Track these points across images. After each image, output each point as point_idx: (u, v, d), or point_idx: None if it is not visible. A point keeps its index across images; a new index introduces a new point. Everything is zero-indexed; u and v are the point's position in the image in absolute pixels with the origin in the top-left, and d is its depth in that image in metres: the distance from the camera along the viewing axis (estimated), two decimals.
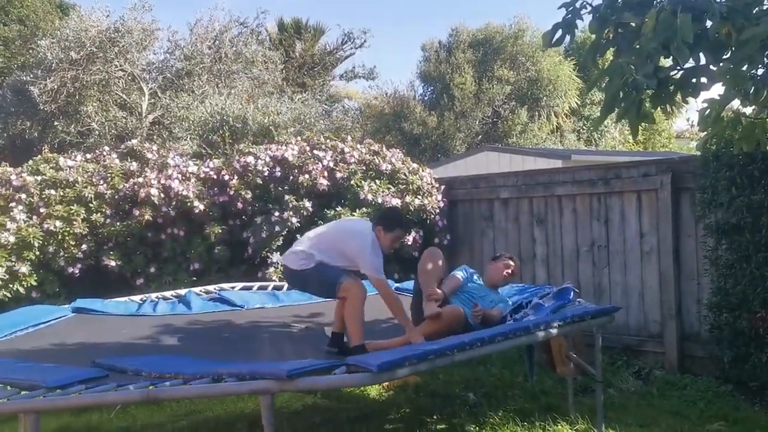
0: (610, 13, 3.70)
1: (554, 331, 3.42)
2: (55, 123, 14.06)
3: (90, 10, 14.79)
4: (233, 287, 6.56)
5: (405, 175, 7.47)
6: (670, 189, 5.87)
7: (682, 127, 29.46)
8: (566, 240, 6.71)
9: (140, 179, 7.39)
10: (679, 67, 3.66)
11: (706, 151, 5.41)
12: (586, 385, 5.48)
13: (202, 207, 7.25)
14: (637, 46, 3.64)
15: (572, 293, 4.66)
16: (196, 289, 6.37)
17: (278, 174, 7.36)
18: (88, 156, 8.28)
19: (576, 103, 19.71)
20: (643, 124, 3.81)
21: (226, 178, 7.45)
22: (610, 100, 3.69)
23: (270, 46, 17.92)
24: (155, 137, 12.84)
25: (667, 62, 3.75)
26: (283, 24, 21.47)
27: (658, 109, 3.80)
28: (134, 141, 8.58)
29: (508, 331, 3.21)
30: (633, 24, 3.65)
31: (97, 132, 13.62)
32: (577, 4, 3.76)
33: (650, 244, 6.09)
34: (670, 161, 6.18)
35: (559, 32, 3.90)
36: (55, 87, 13.37)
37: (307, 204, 7.05)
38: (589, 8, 3.77)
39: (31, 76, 13.85)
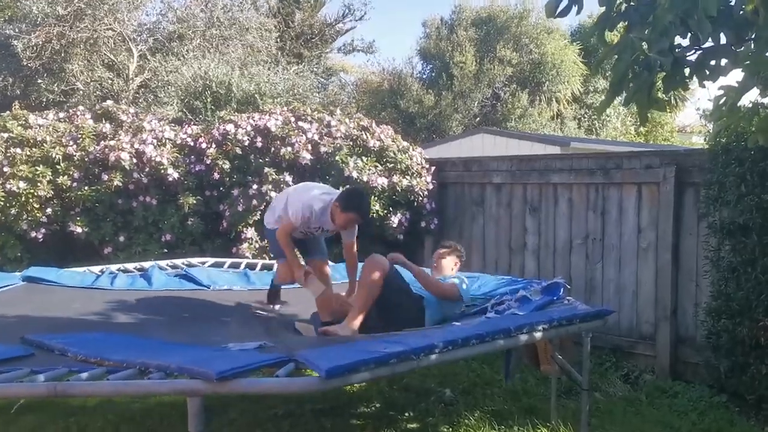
0: None
1: (538, 335, 3.05)
2: (39, 81, 13.53)
3: None
4: (204, 262, 6.18)
5: (394, 153, 7.06)
6: (674, 183, 5.49)
7: (685, 121, 29.07)
8: (560, 231, 6.33)
9: (112, 142, 6.95)
10: (696, 47, 3.26)
11: (715, 144, 5.01)
12: (570, 386, 5.14)
13: (176, 175, 6.84)
14: (651, 20, 3.25)
15: (562, 289, 4.29)
16: (163, 263, 5.99)
17: (259, 144, 6.94)
18: (61, 115, 7.83)
19: (579, 90, 19.19)
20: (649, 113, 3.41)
21: (204, 146, 7.04)
22: (619, 81, 3.26)
23: (267, 13, 17.32)
24: (141, 101, 12.35)
25: (682, 43, 3.36)
26: None
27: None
28: (109, 102, 8.12)
29: (484, 334, 2.82)
30: None
31: (81, 92, 13.11)
32: None
33: (648, 240, 5.72)
34: (675, 153, 5.80)
35: (565, 1, 3.49)
36: (40, 43, 12.83)
37: (288, 178, 6.64)
38: None
39: (16, 30, 13.29)
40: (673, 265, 5.51)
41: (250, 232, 6.51)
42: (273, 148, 6.89)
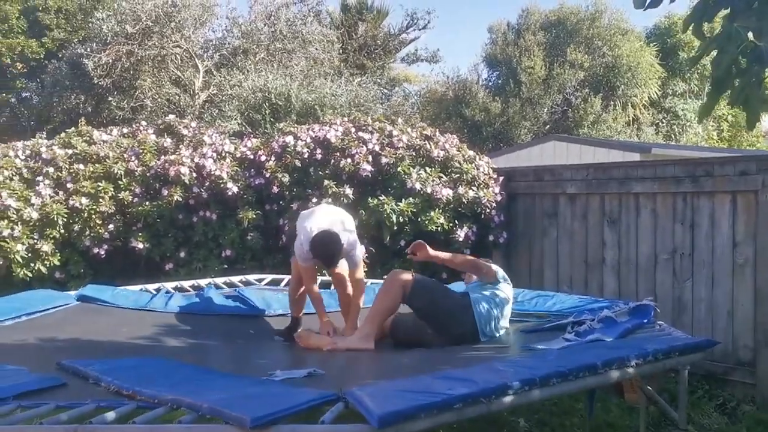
0: None
1: (631, 371, 2.61)
2: (109, 98, 13.85)
3: None
4: (261, 280, 5.96)
5: (459, 163, 6.68)
6: None
7: (766, 126, 27.36)
8: (642, 245, 5.79)
9: (172, 157, 6.86)
10: None
11: None
12: (659, 417, 4.61)
13: (235, 189, 6.69)
14: (756, 5, 2.78)
15: (652, 312, 3.82)
16: (220, 281, 5.80)
17: (319, 156, 6.70)
18: (125, 131, 7.84)
19: (656, 93, 18.21)
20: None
21: (263, 159, 6.86)
22: (722, 78, 2.80)
23: (330, 25, 17.27)
24: (206, 115, 12.43)
25: None
26: (346, 5, 20.89)
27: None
28: (171, 116, 8.08)
29: (567, 371, 2.42)
30: None
31: (149, 108, 13.33)
32: None
33: (745, 255, 5.12)
34: None
35: None
36: (110, 61, 13.13)
37: (348, 191, 6.37)
38: None
39: (87, 49, 13.66)
40: None
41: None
42: (333, 160, 6.64)
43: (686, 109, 18.25)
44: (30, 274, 6.46)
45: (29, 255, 6.44)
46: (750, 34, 2.76)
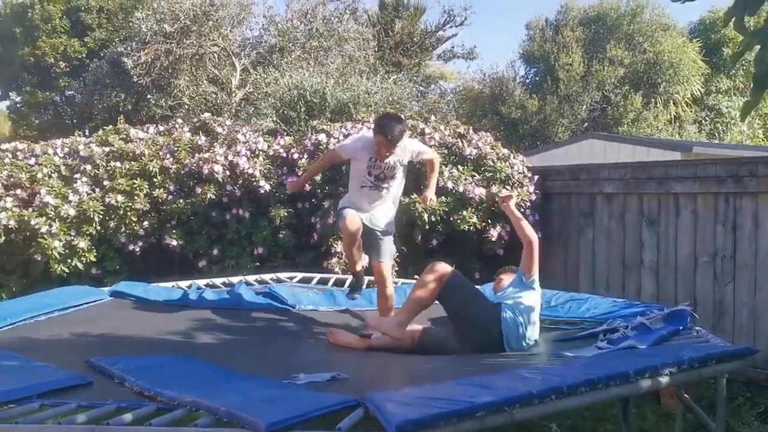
0: None
1: (665, 380, 2.50)
2: (149, 96, 14.04)
3: None
4: (292, 278, 5.96)
5: (493, 161, 6.58)
6: None
7: None
8: (682, 247, 5.62)
9: (206, 155, 6.91)
10: None
11: None
12: (697, 425, 4.46)
13: (268, 187, 6.71)
14: None
15: (689, 318, 3.68)
16: (251, 278, 5.82)
17: None
18: (161, 128, 7.92)
19: (699, 90, 17.68)
20: None
21: (296, 156, 6.86)
22: (763, 75, 2.67)
23: (367, 22, 17.20)
24: (242, 113, 12.50)
25: None
26: (384, 3, 20.78)
27: None
28: (207, 114, 8.14)
29: (596, 379, 2.33)
30: None
31: (187, 106, 13.46)
32: None
33: None
34: None
35: None
36: (149, 60, 13.28)
37: None
38: None
39: (127, 48, 13.87)
40: None
41: (341, 246, 6.22)
42: None
43: (730, 106, 17.70)
44: (67, 270, 6.56)
45: (66, 251, 6.53)
46: None
